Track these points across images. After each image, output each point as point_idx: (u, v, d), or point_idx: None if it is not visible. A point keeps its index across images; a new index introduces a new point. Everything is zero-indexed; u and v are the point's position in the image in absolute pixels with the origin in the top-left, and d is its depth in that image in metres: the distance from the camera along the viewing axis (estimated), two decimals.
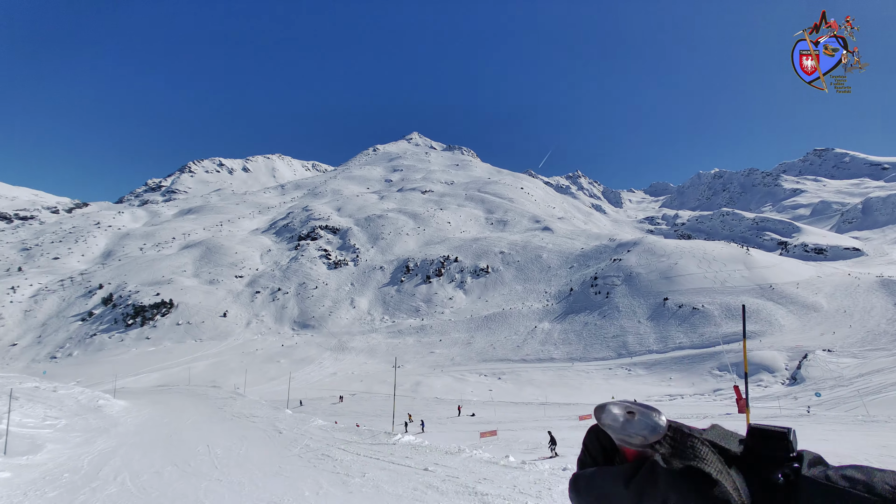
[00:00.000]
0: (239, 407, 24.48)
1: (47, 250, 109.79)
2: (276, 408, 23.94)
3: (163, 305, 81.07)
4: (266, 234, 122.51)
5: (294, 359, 59.70)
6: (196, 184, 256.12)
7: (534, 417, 27.38)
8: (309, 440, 14.16)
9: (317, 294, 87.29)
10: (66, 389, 23.82)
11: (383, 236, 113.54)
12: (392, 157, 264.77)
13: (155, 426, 19.18)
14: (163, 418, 21.57)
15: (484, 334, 65.13)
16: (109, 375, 56.52)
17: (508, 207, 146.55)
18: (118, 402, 24.56)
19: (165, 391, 38.26)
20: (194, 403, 27.70)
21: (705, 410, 26.91)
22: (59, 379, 57.39)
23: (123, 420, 20.55)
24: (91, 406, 21.95)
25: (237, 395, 31.59)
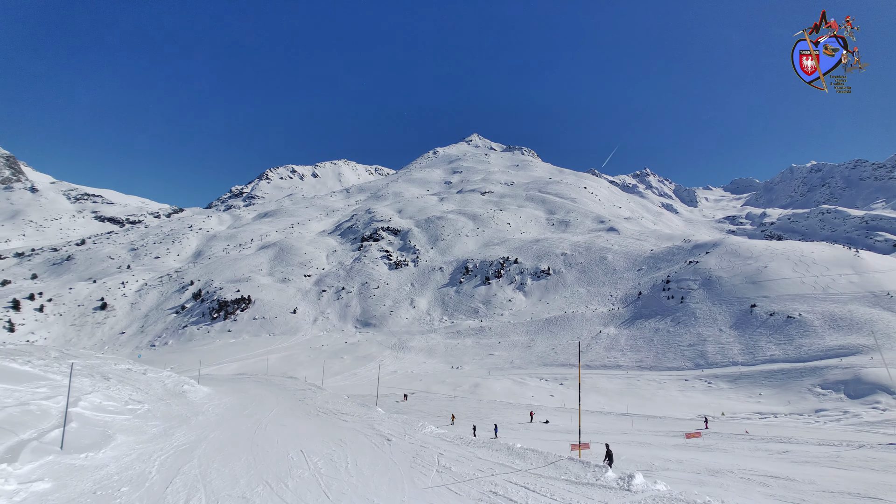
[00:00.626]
0: (322, 401, 23.49)
1: (150, 250, 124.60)
2: (365, 405, 22.84)
3: (242, 301, 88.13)
4: (332, 236, 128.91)
5: (356, 356, 61.85)
6: (272, 189, 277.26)
7: (620, 429, 25.39)
8: (440, 456, 10.74)
9: (378, 294, 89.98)
10: (154, 373, 24.67)
11: (443, 237, 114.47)
12: (452, 159, 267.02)
13: (236, 417, 18.33)
14: (244, 408, 21.44)
15: (545, 338, 62.89)
16: (197, 363, 62.58)
17: (571, 208, 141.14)
18: (202, 389, 25.17)
19: (245, 379, 40.47)
20: (274, 394, 27.18)
21: (822, 436, 23.18)
22: (155, 364, 64.65)
23: (205, 408, 20.05)
24: (176, 391, 22.37)
25: (316, 388, 30.97)
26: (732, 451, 17.76)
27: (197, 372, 52.92)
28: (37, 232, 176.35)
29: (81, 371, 19.00)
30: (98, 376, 19.06)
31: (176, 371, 56.22)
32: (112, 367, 22.65)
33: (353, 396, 30.92)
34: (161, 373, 26.44)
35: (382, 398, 37.74)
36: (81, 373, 18.54)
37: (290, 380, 38.21)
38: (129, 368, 23.87)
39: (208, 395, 24.11)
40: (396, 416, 19.25)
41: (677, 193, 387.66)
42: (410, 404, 34.50)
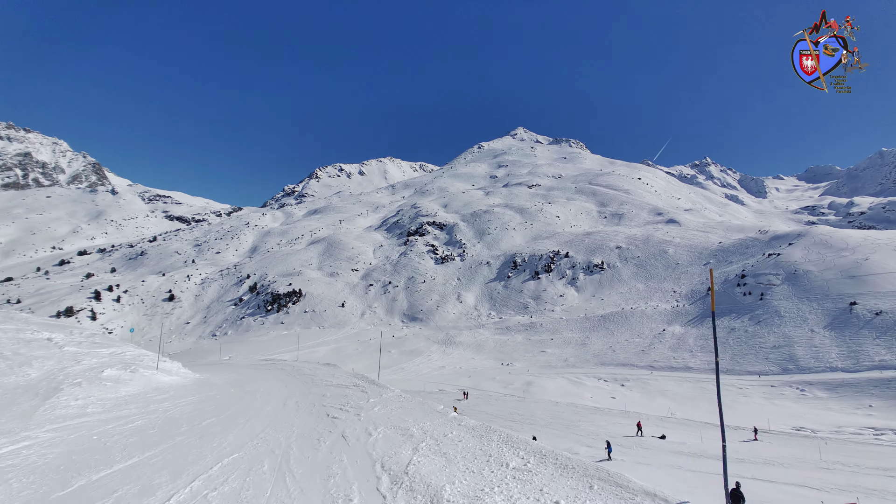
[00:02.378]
0: (374, 396, 16.99)
1: (212, 246, 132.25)
2: (437, 411, 15.41)
3: (294, 295, 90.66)
4: (378, 231, 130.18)
5: (404, 350, 61.10)
6: (321, 187, 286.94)
7: (716, 442, 21.66)
8: None
9: (424, 288, 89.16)
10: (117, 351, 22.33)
11: (489, 231, 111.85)
12: (497, 153, 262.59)
13: None
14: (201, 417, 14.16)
15: (600, 335, 58.79)
16: (253, 353, 64.75)
17: (624, 199, 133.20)
18: (163, 378, 19.95)
19: (269, 367, 32.16)
20: (287, 390, 19.46)
21: None
22: (215, 353, 67.66)
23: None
24: (109, 377, 17.39)
25: (368, 383, 21.10)
26: None
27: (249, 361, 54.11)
28: (116, 230, 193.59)
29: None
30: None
31: (233, 359, 58.15)
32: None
33: (408, 393, 29.53)
34: (126, 351, 23.03)
35: (438, 396, 35.97)
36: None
37: (327, 367, 29.19)
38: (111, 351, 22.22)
39: (158, 388, 18.09)
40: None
41: (743, 184, 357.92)
42: (472, 404, 31.87)
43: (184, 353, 70.77)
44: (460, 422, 12.50)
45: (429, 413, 13.80)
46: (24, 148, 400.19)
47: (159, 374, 20.90)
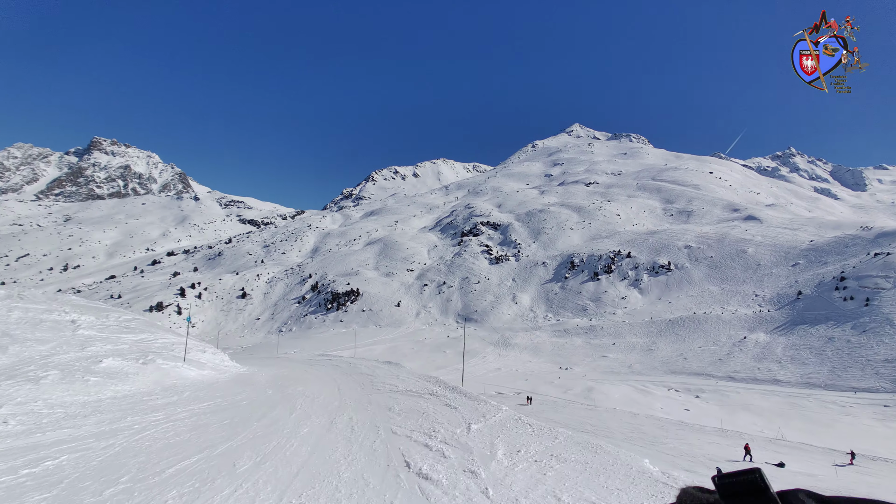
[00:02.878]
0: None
1: (278, 247, 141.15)
2: None
3: (352, 294, 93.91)
4: (432, 232, 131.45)
5: (458, 350, 60.81)
6: (377, 190, 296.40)
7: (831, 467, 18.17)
8: None
9: (479, 288, 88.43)
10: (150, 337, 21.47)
11: (545, 231, 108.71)
12: (551, 151, 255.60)
13: None
14: None
15: (669, 341, 54.55)
16: (315, 349, 67.87)
17: (693, 195, 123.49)
18: (188, 373, 17.66)
19: (320, 363, 32.16)
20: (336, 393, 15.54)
21: None
22: (282, 348, 71.76)
23: None
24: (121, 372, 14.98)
25: (464, 395, 15.32)
26: None
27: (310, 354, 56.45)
28: (198, 233, 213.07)
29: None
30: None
31: (298, 354, 61.16)
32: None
33: None
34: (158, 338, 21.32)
35: (499, 398, 35.06)
36: None
37: (389, 366, 25.29)
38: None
39: (193, 384, 15.78)
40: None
41: (836, 175, 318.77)
42: (536, 410, 29.88)
43: (254, 347, 75.90)
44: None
45: (615, 472, 7.73)
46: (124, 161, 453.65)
47: (184, 368, 17.83)
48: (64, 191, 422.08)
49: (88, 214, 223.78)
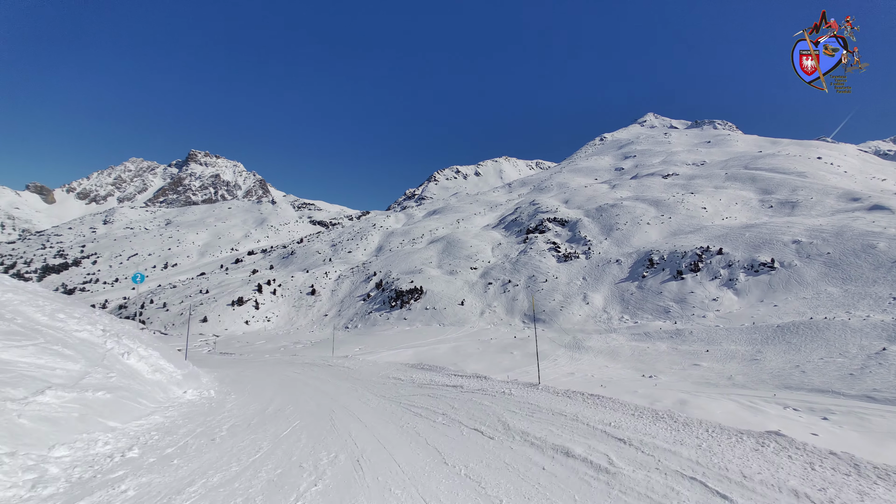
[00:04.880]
0: None
1: (345, 246, 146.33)
2: None
3: (415, 292, 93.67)
4: (496, 229, 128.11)
5: (526, 352, 57.21)
6: (439, 190, 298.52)
7: None
8: None
9: (546, 287, 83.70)
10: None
11: (618, 227, 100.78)
12: (622, 143, 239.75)
13: None
14: None
15: (779, 350, 46.46)
16: (379, 346, 67.96)
17: (798, 184, 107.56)
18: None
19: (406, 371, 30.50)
20: None
21: None
22: (347, 344, 72.95)
23: None
24: None
25: None
26: None
27: (377, 354, 56.00)
28: (274, 234, 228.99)
29: None
30: None
31: (363, 352, 61.41)
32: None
33: None
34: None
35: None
36: None
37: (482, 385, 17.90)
38: None
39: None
40: None
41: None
42: None
43: (322, 343, 78.10)
44: None
45: None
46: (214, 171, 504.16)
47: None
48: (167, 198, 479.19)
49: (185, 219, 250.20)
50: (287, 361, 37.18)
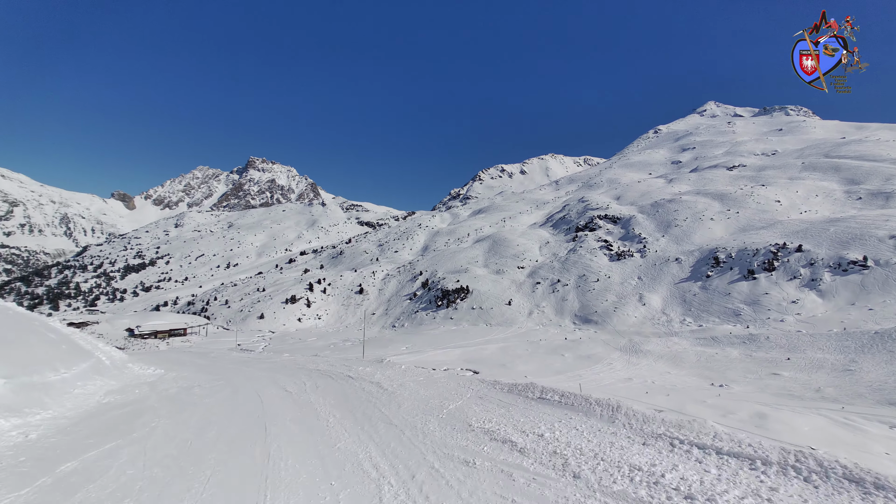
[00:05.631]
0: None
1: (391, 246, 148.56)
2: None
3: (461, 291, 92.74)
4: (543, 228, 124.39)
5: (578, 354, 54.38)
6: (483, 189, 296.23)
7: None
8: None
9: (598, 287, 79.62)
10: None
11: (677, 223, 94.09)
12: (678, 135, 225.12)
13: None
14: None
15: (880, 360, 40.53)
16: (427, 345, 67.71)
17: (892, 173, 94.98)
18: None
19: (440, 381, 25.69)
20: None
21: None
22: (394, 343, 73.42)
23: None
24: None
25: None
26: None
27: (424, 353, 55.51)
28: (324, 235, 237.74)
29: None
30: None
31: (410, 350, 61.29)
32: None
33: None
34: None
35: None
36: None
37: None
38: None
39: None
40: None
41: None
42: None
43: (370, 341, 79.25)
44: None
45: None
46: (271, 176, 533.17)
47: None
48: (229, 203, 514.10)
49: (244, 221, 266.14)
50: (293, 367, 25.05)
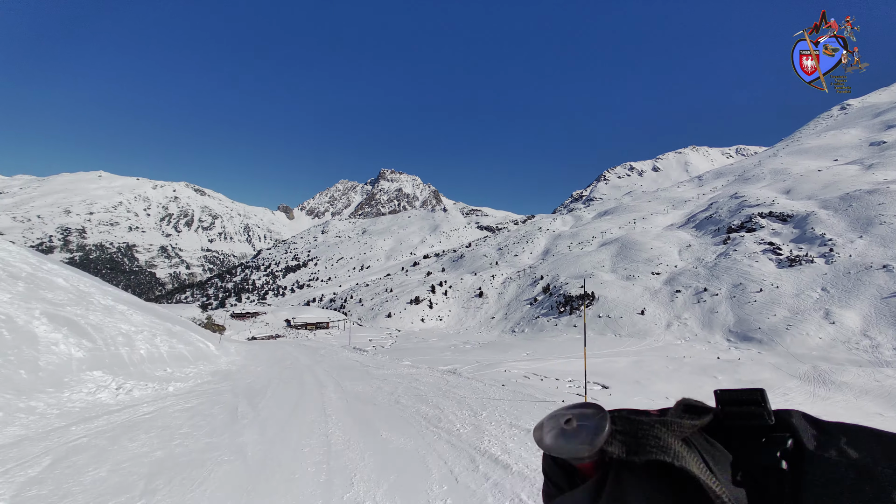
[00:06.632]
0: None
1: (511, 250, 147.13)
2: None
3: (586, 297, 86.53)
4: (683, 229, 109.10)
5: (737, 378, 45.26)
6: (609, 189, 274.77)
7: None
8: None
9: (762, 299, 65.99)
10: None
11: (882, 220, 73.07)
12: (879, 110, 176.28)
13: None
14: None
15: None
16: (549, 352, 64.43)
17: None
18: None
19: None
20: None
21: None
22: (514, 349, 71.61)
23: None
24: None
25: None
26: None
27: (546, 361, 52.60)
28: (446, 239, 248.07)
29: None
30: None
31: (531, 356, 58.97)
32: None
33: None
34: None
35: None
36: None
37: None
38: None
39: None
40: None
41: None
42: None
43: (489, 345, 78.96)
44: None
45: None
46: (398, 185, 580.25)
47: None
48: (363, 211, 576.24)
49: (375, 227, 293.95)
50: (434, 394, 29.92)
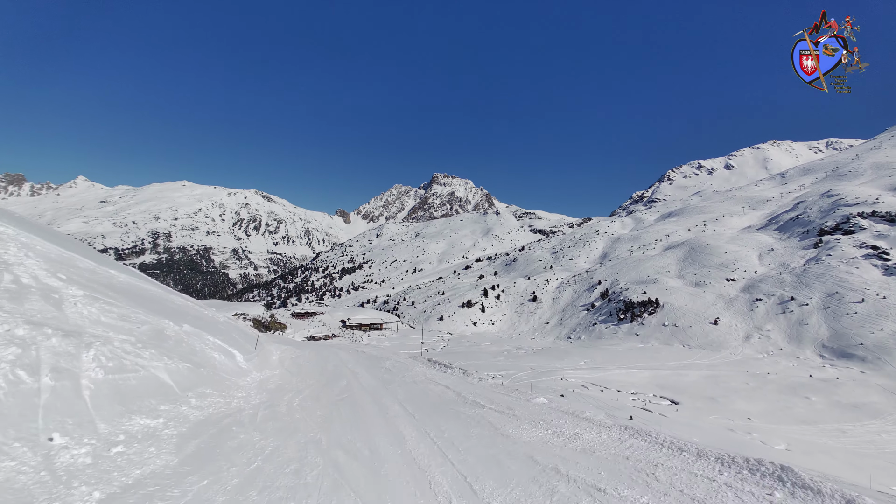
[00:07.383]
0: None
1: (566, 253, 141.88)
2: None
3: (649, 304, 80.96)
4: (763, 231, 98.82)
5: (835, 401, 39.49)
6: (674, 190, 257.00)
7: None
8: None
9: (864, 311, 57.67)
10: None
11: None
12: None
13: None
14: None
15: None
16: (607, 361, 60.68)
17: None
18: None
19: None
20: None
21: None
22: (572, 356, 68.34)
23: None
24: None
25: None
26: None
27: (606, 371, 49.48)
28: (498, 242, 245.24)
29: None
30: None
31: (589, 365, 55.87)
32: None
33: None
34: None
35: None
36: None
37: None
38: None
39: None
40: None
41: None
42: None
43: (543, 352, 76.17)
44: None
45: None
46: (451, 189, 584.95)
47: None
48: (416, 215, 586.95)
49: (427, 231, 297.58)
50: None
